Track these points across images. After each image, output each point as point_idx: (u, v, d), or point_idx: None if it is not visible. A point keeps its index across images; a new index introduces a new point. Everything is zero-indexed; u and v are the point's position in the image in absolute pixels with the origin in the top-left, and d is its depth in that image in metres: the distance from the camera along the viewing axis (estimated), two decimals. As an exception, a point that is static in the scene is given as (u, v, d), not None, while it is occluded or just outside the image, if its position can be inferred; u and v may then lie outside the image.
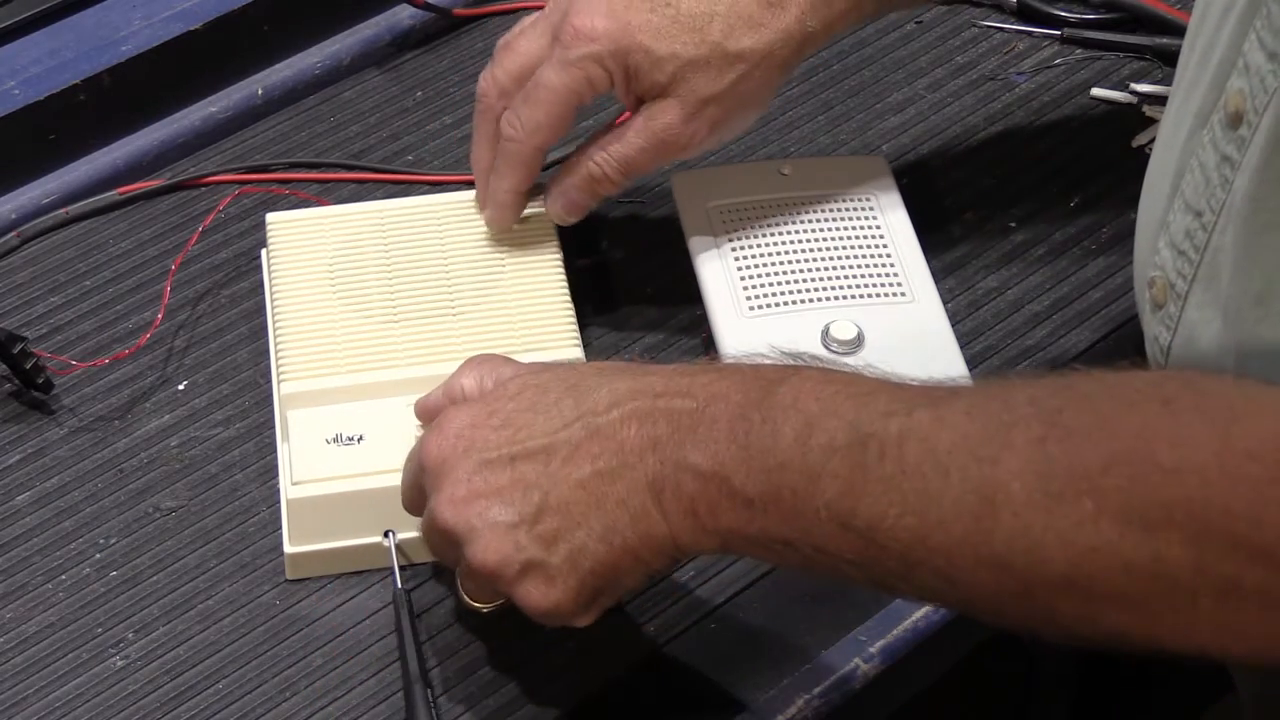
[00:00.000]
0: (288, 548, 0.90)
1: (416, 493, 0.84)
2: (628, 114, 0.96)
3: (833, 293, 0.96)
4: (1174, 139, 0.86)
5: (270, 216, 1.02)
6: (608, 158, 0.96)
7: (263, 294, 1.03)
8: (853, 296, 0.96)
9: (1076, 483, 0.67)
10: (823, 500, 0.72)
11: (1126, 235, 1.05)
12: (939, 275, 1.01)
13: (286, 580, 0.90)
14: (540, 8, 0.97)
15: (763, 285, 0.96)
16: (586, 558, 0.77)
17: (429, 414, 0.87)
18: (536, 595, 0.78)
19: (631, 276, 1.04)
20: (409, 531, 0.90)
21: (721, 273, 0.97)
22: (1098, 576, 0.67)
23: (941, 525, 0.69)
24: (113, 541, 0.92)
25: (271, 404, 0.97)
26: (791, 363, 0.78)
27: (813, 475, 0.72)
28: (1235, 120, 0.79)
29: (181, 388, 0.99)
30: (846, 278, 0.97)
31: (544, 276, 0.98)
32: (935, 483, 0.69)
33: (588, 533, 0.77)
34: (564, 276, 0.98)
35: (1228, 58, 0.80)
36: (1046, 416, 0.69)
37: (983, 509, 0.68)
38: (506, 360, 0.86)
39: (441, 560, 0.85)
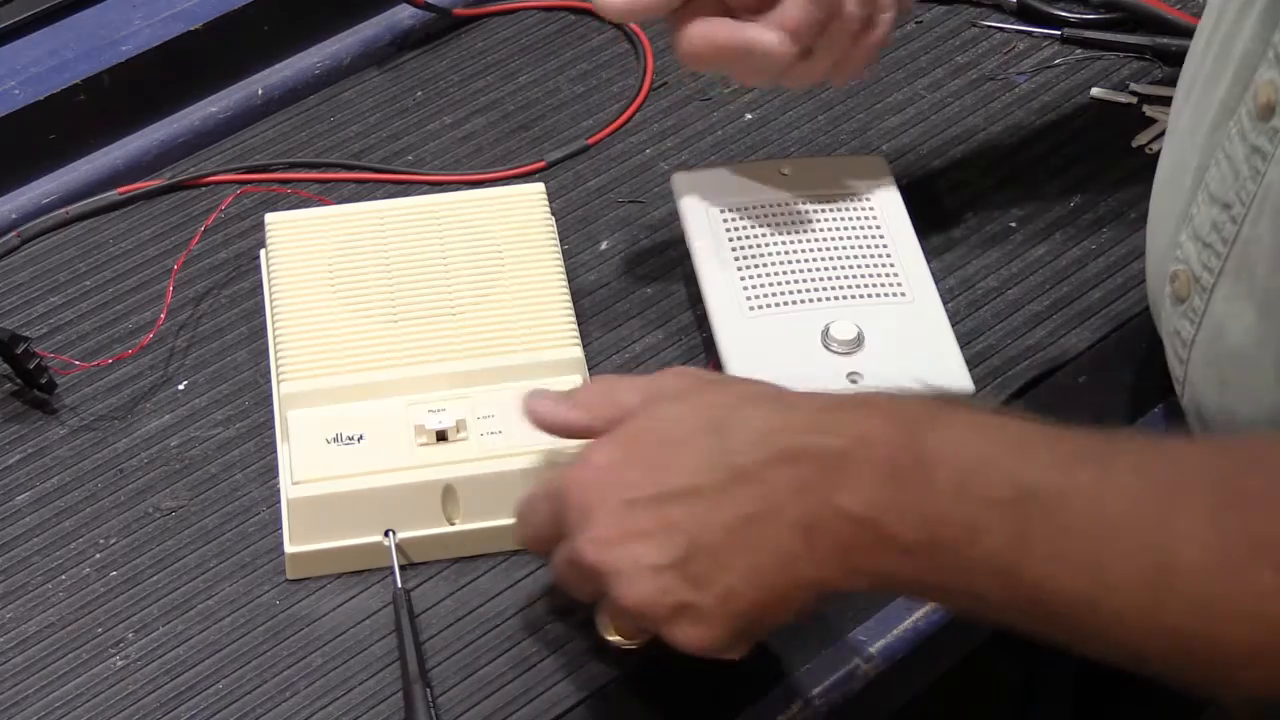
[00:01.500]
0: (288, 548, 0.90)
1: (548, 529, 0.81)
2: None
3: (833, 292, 0.96)
4: (1193, 132, 0.85)
5: (270, 216, 1.02)
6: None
7: (262, 294, 1.03)
8: (853, 296, 0.96)
9: (1257, 552, 0.65)
10: (982, 554, 0.70)
11: (1126, 235, 1.05)
12: (939, 275, 1.01)
13: (286, 580, 0.91)
14: (541, 7, 0.97)
15: (763, 285, 0.96)
16: (736, 600, 0.75)
17: (547, 422, 0.84)
18: (688, 635, 0.76)
19: (631, 276, 1.04)
20: (409, 531, 0.90)
21: (721, 272, 0.97)
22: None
23: (1112, 591, 0.68)
24: (113, 541, 0.92)
25: (271, 404, 0.97)
26: (933, 398, 0.76)
27: (972, 528, 0.70)
28: (1266, 112, 0.79)
29: (182, 388, 0.99)
30: (846, 278, 0.97)
31: (544, 276, 0.98)
32: (1105, 550, 0.68)
33: (737, 576, 0.75)
34: (564, 276, 0.98)
35: (1254, 49, 0.80)
36: (1219, 481, 0.68)
37: (1157, 577, 0.67)
38: (633, 381, 0.83)
39: (575, 595, 0.82)
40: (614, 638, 0.83)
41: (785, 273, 0.97)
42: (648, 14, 0.94)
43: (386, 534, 0.90)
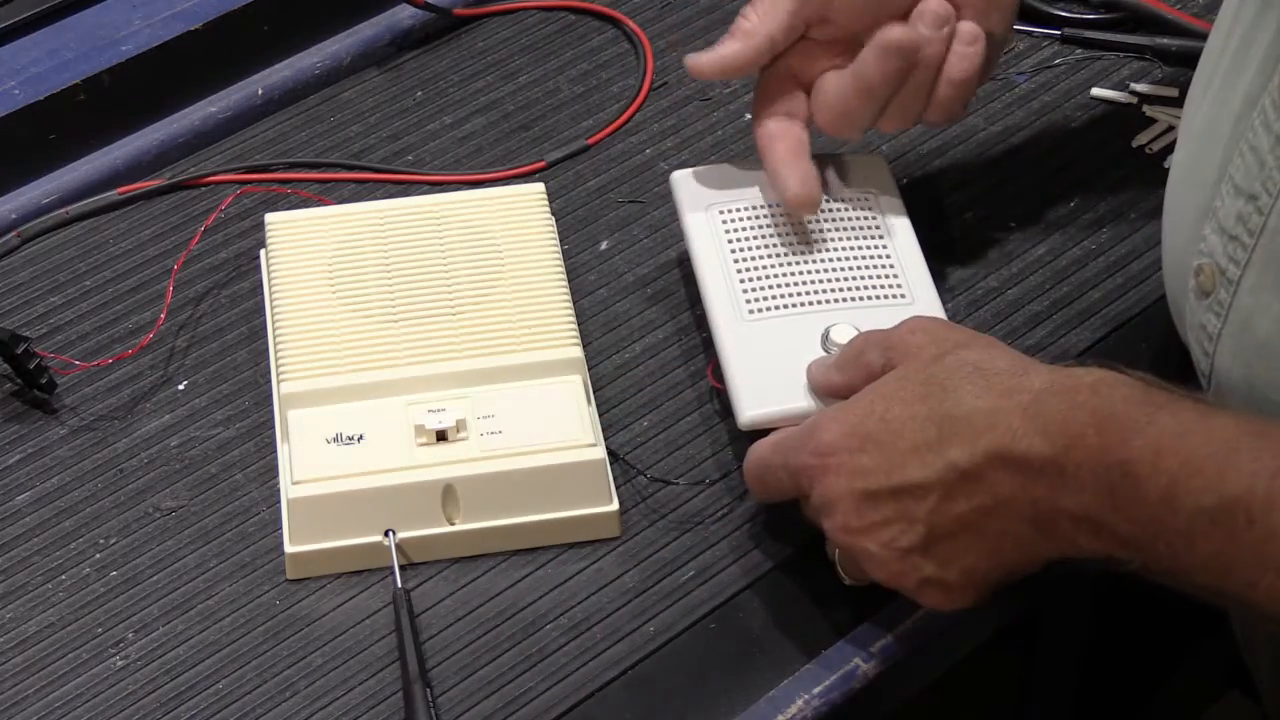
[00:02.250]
0: (288, 547, 0.90)
1: (788, 493, 0.87)
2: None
3: (833, 294, 0.96)
4: (1214, 128, 0.85)
5: (270, 216, 1.02)
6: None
7: (262, 294, 1.03)
8: (853, 298, 0.96)
9: None
10: (1196, 561, 0.74)
11: (1126, 235, 1.05)
12: (939, 275, 1.01)
13: (286, 580, 0.91)
14: (541, 7, 0.97)
15: (762, 286, 0.96)
16: (979, 573, 0.82)
17: (819, 387, 0.90)
18: (937, 601, 0.83)
19: (631, 276, 1.04)
20: (409, 531, 0.90)
21: (721, 273, 0.97)
22: None
23: None
24: (113, 541, 0.92)
25: (271, 404, 0.97)
26: (1140, 387, 0.79)
27: (1183, 535, 0.74)
28: None
29: (182, 388, 0.99)
30: (846, 279, 0.97)
31: (544, 276, 0.98)
32: None
33: (977, 555, 0.81)
34: (564, 276, 0.98)
35: (1278, 40, 0.80)
36: None
37: None
38: (879, 338, 0.87)
39: (800, 504, 0.87)
40: (848, 580, 0.88)
41: (785, 273, 0.97)
42: (738, 74, 0.99)
43: (386, 534, 0.90)
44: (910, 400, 0.82)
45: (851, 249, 0.98)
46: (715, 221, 0.99)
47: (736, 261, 0.97)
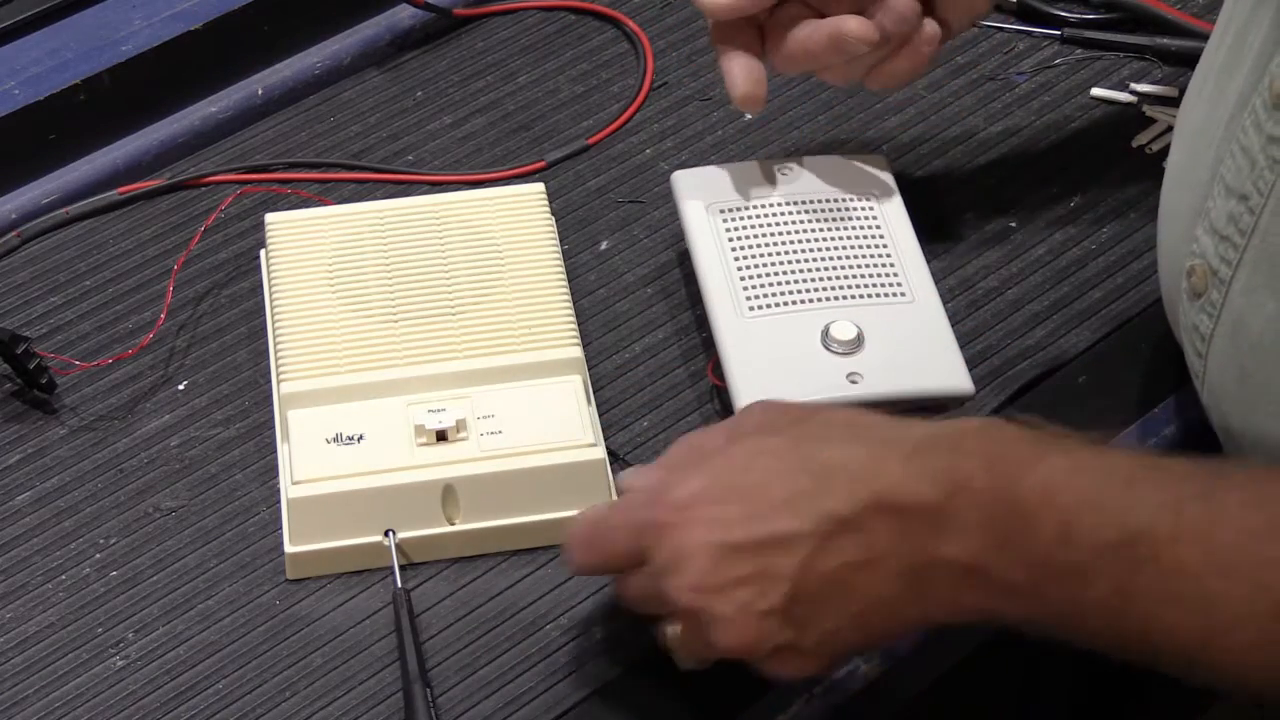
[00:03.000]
0: (288, 547, 0.90)
1: (622, 560, 0.80)
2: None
3: (833, 293, 0.96)
4: (1207, 128, 0.85)
5: (270, 217, 1.02)
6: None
7: (262, 294, 1.03)
8: (853, 297, 0.96)
9: None
10: (1092, 599, 0.70)
11: (1126, 235, 1.05)
12: (939, 275, 1.01)
13: (286, 580, 0.90)
14: (541, 7, 0.97)
15: (762, 285, 0.96)
16: (838, 640, 0.76)
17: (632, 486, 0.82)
18: (785, 668, 0.77)
19: (631, 276, 1.04)
20: (409, 531, 0.90)
21: (721, 272, 0.97)
22: None
23: (1229, 630, 0.67)
24: (113, 541, 0.92)
25: (271, 404, 0.97)
26: (1028, 430, 0.75)
27: (1079, 573, 0.70)
28: None
29: (182, 388, 0.99)
30: (846, 278, 0.97)
31: (544, 276, 0.98)
32: (1217, 585, 0.67)
33: (839, 619, 0.75)
34: (564, 276, 0.98)
35: (1270, 41, 0.80)
36: None
37: (1274, 611, 0.66)
38: (716, 427, 0.82)
39: (641, 612, 0.81)
40: (686, 662, 0.81)
41: (785, 273, 0.97)
42: (751, 9, 0.95)
43: (386, 534, 0.90)
44: (779, 452, 0.77)
45: (852, 247, 0.98)
46: (715, 221, 0.99)
47: (737, 259, 0.97)
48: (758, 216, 1.00)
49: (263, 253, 1.04)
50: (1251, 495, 0.69)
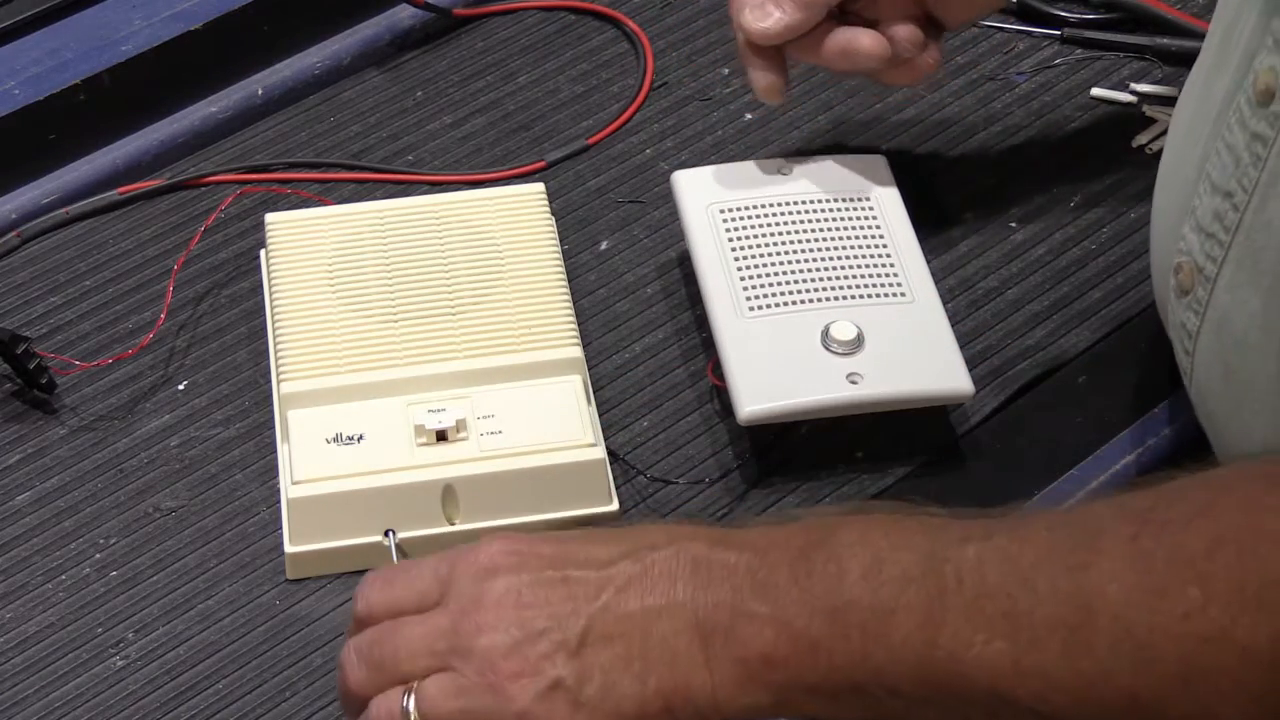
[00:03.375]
0: (288, 547, 0.90)
1: (415, 583, 0.76)
2: None
3: (833, 293, 0.96)
4: (1195, 125, 0.86)
5: (270, 217, 1.02)
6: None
7: (262, 294, 1.03)
8: (853, 296, 0.96)
9: (1179, 571, 0.63)
10: (898, 636, 0.67)
11: (1126, 235, 1.05)
12: (939, 275, 1.01)
13: (286, 580, 0.91)
14: (542, 8, 0.97)
15: (762, 285, 0.96)
16: (616, 694, 0.71)
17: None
18: (555, 715, 0.71)
19: (631, 276, 1.04)
20: (409, 531, 0.90)
21: (721, 273, 0.97)
22: (1212, 670, 0.62)
23: (1034, 644, 0.65)
24: (113, 541, 0.92)
25: (271, 404, 0.97)
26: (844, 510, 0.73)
27: (885, 610, 0.67)
28: (1266, 97, 0.79)
29: (182, 388, 0.99)
30: (846, 278, 0.97)
31: (544, 276, 0.98)
32: (1023, 600, 0.65)
33: (625, 668, 0.71)
34: (564, 276, 0.98)
35: (1255, 38, 0.80)
36: (1136, 515, 0.65)
37: (1079, 618, 0.64)
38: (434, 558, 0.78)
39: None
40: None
41: (785, 273, 0.97)
42: (796, 34, 0.98)
43: (386, 534, 0.90)
44: (587, 539, 0.74)
45: (852, 248, 0.98)
46: (715, 221, 0.99)
47: (737, 259, 0.97)
48: (758, 216, 1.00)
49: (263, 253, 1.04)
50: (1054, 521, 0.68)
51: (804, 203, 1.00)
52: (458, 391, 0.93)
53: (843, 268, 0.97)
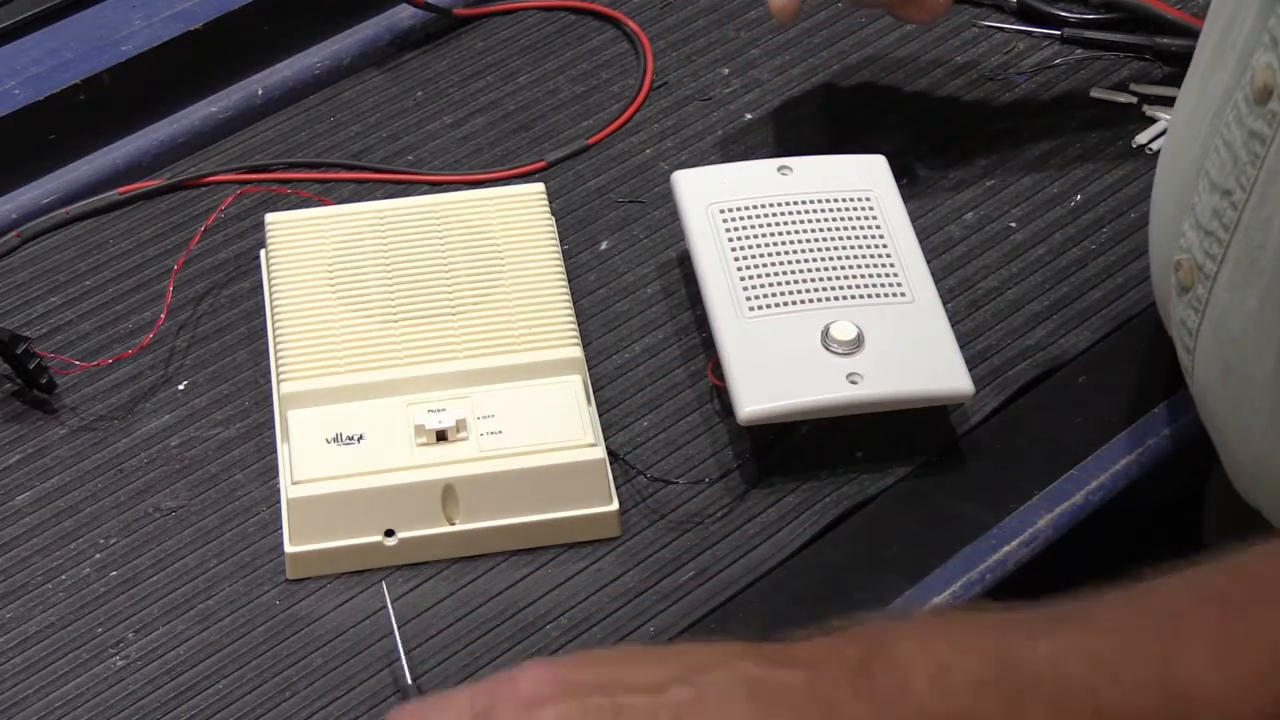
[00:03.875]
0: (288, 547, 0.90)
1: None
2: None
3: (833, 293, 0.96)
4: (1194, 123, 0.85)
5: (270, 217, 1.02)
6: None
7: (262, 294, 1.03)
8: (853, 297, 0.96)
9: (1272, 654, 0.62)
10: None
11: (1126, 235, 1.05)
12: (939, 275, 1.01)
13: (286, 580, 0.90)
14: (542, 8, 0.97)
15: (762, 285, 0.96)
16: None
17: None
18: None
19: (631, 276, 1.04)
20: (409, 531, 0.90)
21: (721, 273, 0.97)
22: None
23: None
24: (113, 541, 0.92)
25: (271, 404, 0.97)
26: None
27: (962, 717, 0.64)
28: (1263, 95, 0.79)
29: (182, 388, 0.99)
30: (846, 278, 0.97)
31: (544, 276, 0.98)
32: (1110, 695, 0.63)
33: None
34: (564, 276, 0.98)
35: (1253, 35, 0.80)
36: (1216, 597, 0.64)
37: (1174, 708, 0.62)
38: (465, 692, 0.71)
39: None
40: None
41: (785, 273, 0.97)
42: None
43: (386, 534, 0.90)
44: (628, 660, 0.69)
45: (851, 248, 0.98)
46: (715, 221, 0.99)
47: (737, 259, 0.97)
48: (758, 216, 1.00)
49: (263, 253, 1.04)
50: (1127, 596, 0.66)
51: (804, 203, 1.00)
52: (458, 391, 0.93)
53: (843, 268, 0.97)
